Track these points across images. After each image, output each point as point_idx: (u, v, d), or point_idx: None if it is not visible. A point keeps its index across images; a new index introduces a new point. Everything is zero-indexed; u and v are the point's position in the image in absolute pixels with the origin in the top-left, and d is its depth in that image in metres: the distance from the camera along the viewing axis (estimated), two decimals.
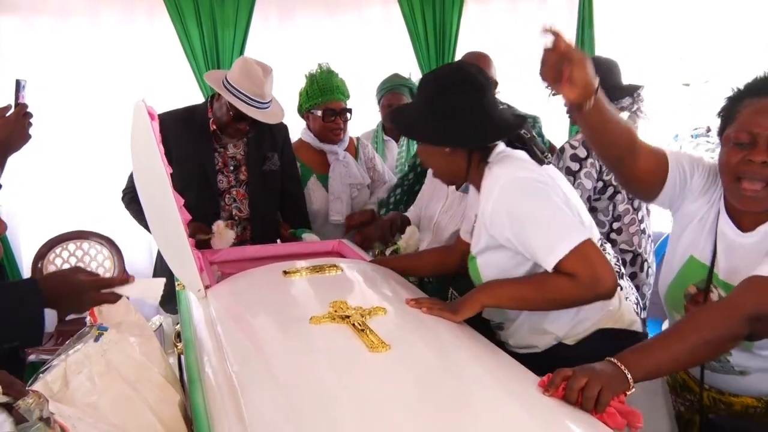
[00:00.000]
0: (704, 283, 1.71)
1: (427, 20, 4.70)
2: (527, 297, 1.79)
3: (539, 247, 1.74)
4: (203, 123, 2.88)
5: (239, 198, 2.96)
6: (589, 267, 1.69)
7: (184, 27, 4.30)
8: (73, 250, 4.23)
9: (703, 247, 1.74)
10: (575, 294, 1.71)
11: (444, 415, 1.26)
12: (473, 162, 1.92)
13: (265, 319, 1.84)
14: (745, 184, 1.57)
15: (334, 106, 3.14)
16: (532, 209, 1.76)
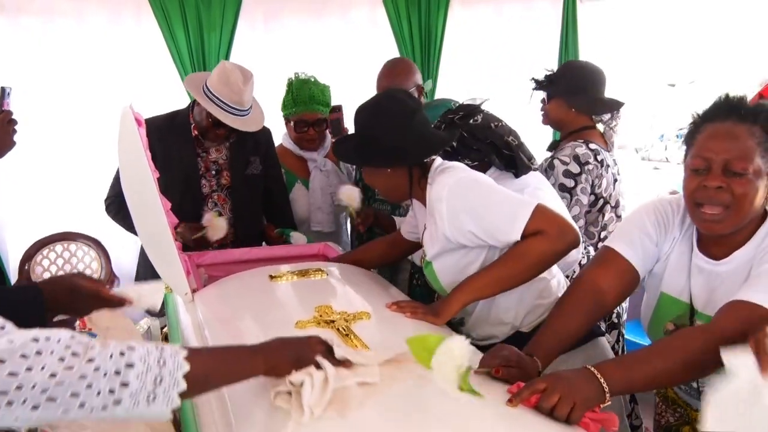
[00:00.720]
0: (681, 319, 1.73)
1: (413, 23, 4.72)
2: (504, 275, 1.87)
3: (502, 225, 1.85)
4: (185, 128, 2.87)
5: (220, 202, 2.95)
6: (552, 220, 1.83)
7: (170, 29, 4.29)
8: (60, 252, 4.22)
9: (675, 283, 1.76)
10: (549, 248, 1.82)
11: (425, 419, 1.28)
12: (414, 178, 2.04)
13: (252, 323, 1.86)
14: (706, 208, 1.58)
15: (307, 117, 3.12)
16: (483, 197, 1.89)
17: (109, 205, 2.95)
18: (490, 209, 1.87)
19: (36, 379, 1.00)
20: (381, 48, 4.63)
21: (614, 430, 1.34)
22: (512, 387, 1.40)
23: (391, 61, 3.19)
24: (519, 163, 2.26)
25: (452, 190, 1.89)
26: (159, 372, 1.10)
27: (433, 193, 1.95)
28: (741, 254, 1.63)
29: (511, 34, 4.82)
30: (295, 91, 3.11)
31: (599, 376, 1.38)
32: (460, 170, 1.97)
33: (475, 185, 1.92)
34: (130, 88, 4.13)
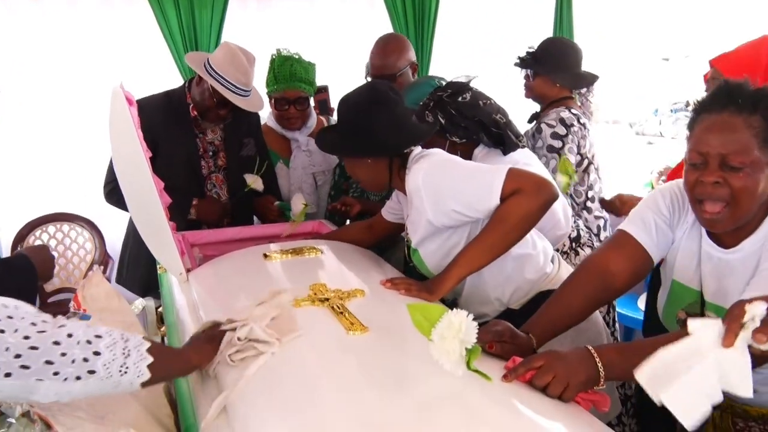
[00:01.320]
0: (693, 307, 1.71)
1: (407, 1, 4.69)
2: (494, 240, 1.88)
3: (480, 193, 1.87)
4: (182, 108, 2.85)
5: (218, 184, 2.95)
6: (526, 178, 1.86)
7: (161, 7, 4.25)
8: (53, 233, 4.21)
9: (686, 270, 1.73)
10: (530, 204, 1.83)
11: (421, 395, 1.30)
12: (394, 169, 2.08)
13: (247, 302, 1.85)
14: (707, 206, 1.54)
15: (289, 95, 3.07)
16: (456, 174, 1.94)
17: (109, 192, 2.88)
18: (466, 183, 1.90)
19: (9, 341, 1.01)
20: (374, 24, 4.60)
21: (605, 411, 1.36)
22: (508, 363, 1.41)
23: (383, 38, 3.12)
24: (507, 140, 2.27)
25: (427, 175, 1.94)
26: (125, 345, 1.16)
27: (410, 182, 1.99)
28: (750, 243, 1.59)
29: (505, 9, 4.80)
30: (276, 68, 3.05)
31: (598, 360, 1.38)
32: (433, 155, 2.02)
33: (446, 165, 1.97)
34: (121, 67, 4.10)
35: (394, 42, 3.08)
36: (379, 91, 2.06)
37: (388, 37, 3.12)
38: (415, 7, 4.71)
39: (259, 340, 1.44)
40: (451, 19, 4.78)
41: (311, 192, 3.22)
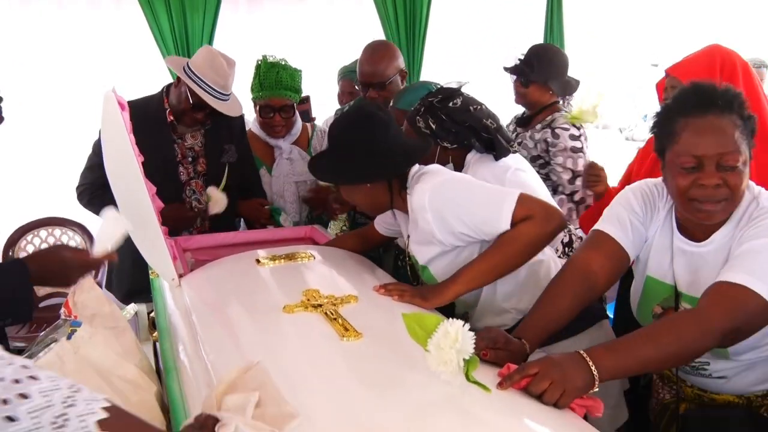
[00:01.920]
0: (668, 301, 1.75)
1: (398, 3, 4.70)
2: (497, 262, 1.87)
3: (489, 218, 1.85)
4: (160, 113, 2.81)
5: (198, 190, 2.91)
6: (537, 205, 1.85)
7: (152, 11, 4.25)
8: (45, 237, 4.20)
9: (659, 266, 1.77)
10: (538, 231, 1.83)
11: (415, 402, 1.30)
12: (394, 190, 2.03)
13: (239, 308, 1.86)
14: (706, 205, 1.57)
15: (274, 103, 3.04)
16: (465, 196, 1.90)
17: (81, 193, 2.89)
18: (475, 206, 1.88)
19: None
20: (366, 29, 4.62)
21: (598, 416, 1.36)
22: (503, 369, 1.41)
23: (371, 46, 3.06)
24: (498, 145, 2.27)
25: (432, 196, 1.90)
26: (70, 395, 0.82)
27: (414, 202, 1.95)
28: (720, 235, 1.64)
29: (496, 13, 4.82)
30: (262, 75, 3.02)
31: (590, 363, 1.38)
32: (437, 174, 1.97)
33: (453, 186, 1.93)
34: (113, 71, 4.10)
35: (383, 49, 3.04)
36: (369, 114, 2.01)
37: (377, 45, 3.08)
38: (406, 12, 4.72)
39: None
40: (442, 23, 4.80)
41: (293, 200, 3.19)
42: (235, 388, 1.14)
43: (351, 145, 1.98)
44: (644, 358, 1.44)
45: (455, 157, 2.36)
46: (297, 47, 3.19)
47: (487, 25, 4.76)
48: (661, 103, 2.40)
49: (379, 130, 1.97)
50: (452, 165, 2.39)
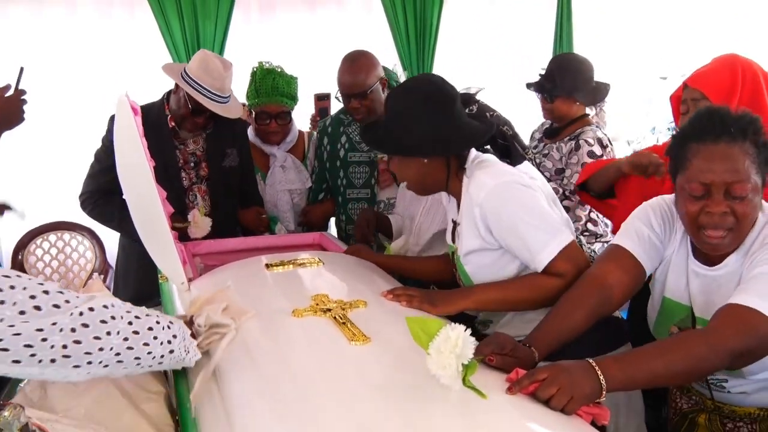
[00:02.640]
0: (684, 322, 1.75)
1: (408, 14, 4.72)
2: (510, 299, 1.87)
3: (530, 249, 1.81)
4: (161, 120, 2.84)
5: (201, 195, 2.93)
6: (575, 267, 1.80)
7: (165, 19, 4.29)
8: (54, 241, 4.22)
9: (676, 287, 1.77)
10: (562, 290, 1.78)
11: (421, 407, 1.30)
12: (452, 170, 1.95)
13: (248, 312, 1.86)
14: (710, 232, 1.58)
15: (270, 109, 3.07)
16: (521, 213, 1.82)
17: (84, 202, 2.91)
18: (524, 229, 1.81)
19: (113, 343, 1.28)
20: (376, 38, 4.65)
21: (605, 424, 1.36)
22: (511, 374, 1.41)
23: (350, 56, 3.01)
24: (514, 152, 2.26)
25: (491, 194, 1.83)
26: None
27: (471, 189, 1.87)
28: (733, 259, 1.64)
29: (506, 24, 4.85)
30: (258, 82, 3.05)
31: (599, 372, 1.38)
32: (500, 173, 1.87)
33: (516, 196, 1.83)
34: (124, 78, 4.13)
35: (362, 59, 2.99)
36: (436, 84, 1.92)
37: (356, 55, 3.02)
38: (416, 20, 4.75)
39: (219, 324, 1.60)
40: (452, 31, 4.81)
41: (287, 209, 3.22)
42: (211, 302, 1.68)
43: (412, 115, 1.87)
44: (652, 372, 1.44)
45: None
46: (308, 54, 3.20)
47: (497, 33, 4.78)
48: (676, 114, 2.37)
49: (445, 104, 1.88)
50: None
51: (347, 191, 3.07)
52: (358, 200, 3.07)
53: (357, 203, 3.07)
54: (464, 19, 4.90)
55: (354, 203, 3.07)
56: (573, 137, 2.97)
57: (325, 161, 3.14)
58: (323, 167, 3.16)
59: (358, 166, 3.08)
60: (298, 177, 3.22)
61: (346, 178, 3.07)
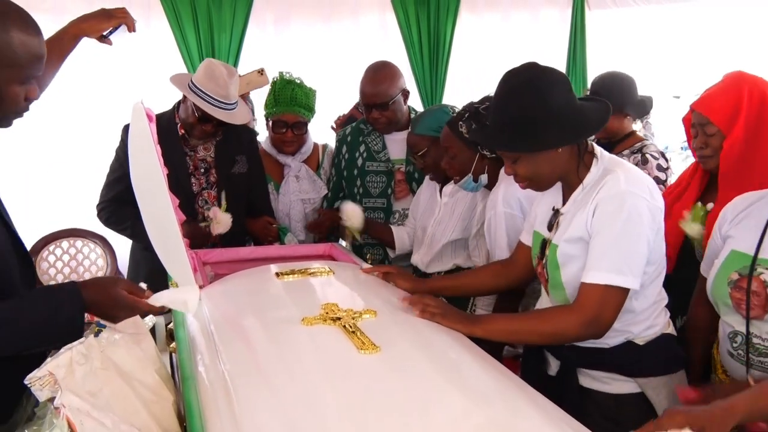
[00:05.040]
0: (746, 269, 1.75)
1: (422, 28, 4.75)
2: (520, 330, 1.89)
3: (594, 258, 1.78)
4: (171, 127, 2.89)
5: (210, 200, 2.96)
6: (599, 309, 1.76)
7: (180, 29, 4.33)
8: (66, 248, 4.25)
9: (747, 238, 1.79)
10: (573, 330, 1.80)
11: (430, 416, 1.29)
12: (581, 157, 1.88)
13: (258, 319, 1.87)
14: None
15: (287, 119, 3.09)
16: (620, 225, 1.76)
17: (101, 211, 2.96)
18: (610, 240, 1.77)
19: None
20: (390, 52, 4.66)
21: None
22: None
23: (373, 66, 3.06)
24: None
25: (614, 197, 1.77)
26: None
27: (608, 181, 1.80)
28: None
29: (519, 41, 4.86)
30: (277, 91, 3.08)
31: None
32: (638, 183, 1.80)
33: (632, 211, 1.76)
34: (140, 87, 4.15)
35: (385, 69, 3.03)
36: (553, 71, 1.85)
37: (379, 65, 3.06)
38: (430, 34, 4.77)
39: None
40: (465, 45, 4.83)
41: (300, 219, 3.23)
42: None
43: (541, 105, 1.79)
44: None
45: (491, 169, 2.38)
46: (322, 66, 3.22)
47: (509, 48, 4.79)
48: (688, 136, 2.37)
49: (567, 91, 1.83)
50: (487, 176, 2.41)
51: (363, 200, 3.08)
52: (374, 209, 3.08)
53: (373, 212, 3.08)
54: (477, 34, 4.92)
55: (370, 212, 3.07)
56: (635, 151, 3.00)
57: (342, 170, 3.16)
58: (340, 176, 3.17)
59: (375, 176, 3.09)
60: (312, 187, 3.23)
61: (363, 187, 3.08)
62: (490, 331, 1.86)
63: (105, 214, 2.94)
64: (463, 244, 2.64)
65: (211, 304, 2.04)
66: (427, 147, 2.62)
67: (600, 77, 3.15)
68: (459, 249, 2.65)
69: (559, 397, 1.51)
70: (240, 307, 2.01)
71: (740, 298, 1.75)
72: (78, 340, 1.49)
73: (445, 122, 2.48)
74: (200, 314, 1.99)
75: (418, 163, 2.73)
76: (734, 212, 1.88)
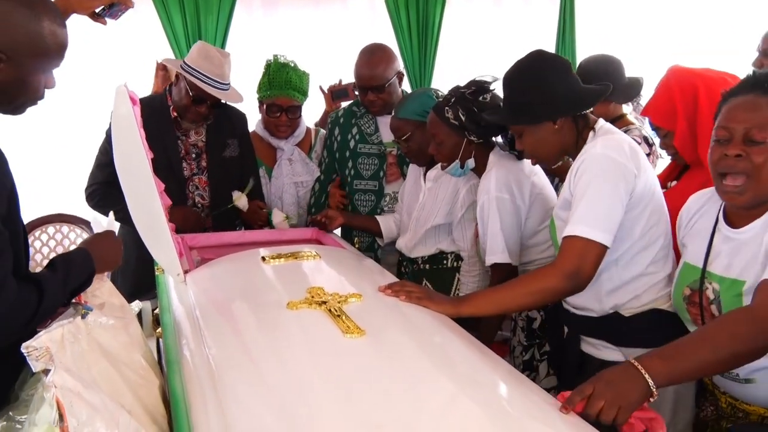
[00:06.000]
0: (697, 283, 1.75)
1: (411, 12, 4.71)
2: (507, 297, 1.90)
3: (574, 214, 1.85)
4: (163, 111, 2.86)
5: (201, 185, 2.94)
6: (578, 261, 1.82)
7: (167, 13, 4.28)
8: (53, 233, 4.21)
9: (697, 250, 1.78)
10: (554, 282, 1.83)
11: (415, 399, 1.29)
12: (579, 131, 2.02)
13: (243, 304, 1.87)
14: (728, 180, 1.61)
15: (281, 102, 3.07)
16: (598, 184, 1.85)
17: (90, 194, 2.92)
18: (588, 197, 1.84)
19: None
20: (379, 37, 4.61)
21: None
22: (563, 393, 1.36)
23: (368, 49, 3.03)
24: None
25: (593, 158, 1.88)
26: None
27: (587, 147, 1.95)
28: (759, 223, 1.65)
29: (508, 24, 4.84)
30: (272, 74, 3.06)
31: (644, 372, 1.35)
32: (616, 148, 1.89)
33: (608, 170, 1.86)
34: (125, 70, 4.12)
35: (380, 52, 3.02)
36: (552, 57, 2.08)
37: (374, 48, 3.05)
38: (419, 18, 4.74)
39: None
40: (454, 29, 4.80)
41: (292, 202, 3.22)
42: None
43: (541, 84, 1.99)
44: (703, 363, 1.41)
45: (478, 154, 2.39)
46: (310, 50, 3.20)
47: (499, 32, 4.77)
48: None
49: (567, 68, 2.03)
50: (473, 161, 2.41)
51: (354, 182, 3.07)
52: (365, 191, 3.06)
53: (364, 194, 3.07)
54: (466, 18, 4.89)
55: (361, 194, 3.06)
56: None
57: (334, 151, 3.15)
58: (333, 157, 3.16)
59: (367, 158, 3.07)
60: (305, 169, 3.22)
61: (354, 168, 3.07)
62: (477, 306, 1.88)
63: (95, 197, 2.91)
64: (447, 229, 2.63)
65: (197, 289, 2.04)
66: (411, 131, 2.59)
67: (585, 61, 3.12)
68: (442, 233, 2.64)
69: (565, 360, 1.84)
70: (225, 291, 2.01)
71: (696, 313, 1.75)
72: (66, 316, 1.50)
73: (430, 107, 2.47)
74: (186, 299, 1.99)
75: (402, 147, 2.71)
76: (688, 215, 1.88)
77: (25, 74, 1.54)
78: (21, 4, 1.46)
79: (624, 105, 3.12)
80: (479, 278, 2.56)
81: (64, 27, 1.61)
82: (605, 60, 3.10)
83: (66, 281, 1.49)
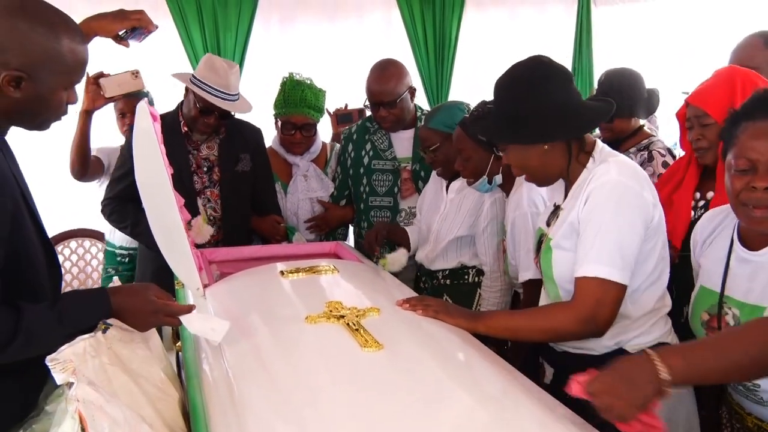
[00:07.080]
0: (715, 308, 1.70)
1: (427, 26, 4.74)
2: (520, 327, 1.84)
3: (586, 251, 1.72)
4: (174, 125, 2.90)
5: (213, 198, 2.96)
6: (596, 306, 1.69)
7: (186, 29, 4.33)
8: (75, 248, 4.26)
9: (713, 274, 1.73)
10: (568, 326, 1.73)
11: (433, 413, 1.29)
12: (573, 153, 1.83)
13: (262, 318, 1.87)
14: (756, 212, 1.55)
15: (295, 120, 3.09)
16: (611, 217, 1.71)
17: (104, 208, 2.98)
18: (601, 233, 1.70)
19: None
20: (395, 50, 4.64)
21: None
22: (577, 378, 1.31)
23: (380, 64, 3.05)
24: None
25: (604, 187, 1.72)
26: None
27: (597, 172, 1.76)
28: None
29: (525, 38, 4.84)
30: (287, 92, 3.09)
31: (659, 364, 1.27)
32: (630, 174, 1.76)
33: (622, 202, 1.71)
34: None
35: (392, 68, 3.03)
36: (553, 65, 1.82)
37: (385, 63, 3.06)
38: (435, 33, 4.76)
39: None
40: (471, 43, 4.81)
41: (308, 218, 3.23)
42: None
43: (534, 99, 1.77)
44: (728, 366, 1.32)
45: (506, 170, 2.36)
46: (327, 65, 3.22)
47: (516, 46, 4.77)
48: (682, 131, 2.37)
49: (562, 83, 1.80)
50: (501, 176, 2.39)
51: (369, 199, 3.08)
52: (380, 208, 3.07)
53: (379, 211, 3.07)
54: (483, 32, 4.91)
55: (376, 211, 3.07)
56: (642, 148, 2.95)
57: (348, 168, 3.16)
58: (346, 173, 3.17)
59: (381, 174, 3.08)
60: (320, 185, 3.24)
61: (369, 185, 3.08)
62: (491, 328, 1.84)
63: (107, 211, 2.96)
64: (469, 242, 2.62)
65: (216, 303, 2.05)
66: (439, 142, 2.58)
67: (606, 76, 3.09)
68: (464, 247, 2.63)
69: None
70: (244, 305, 2.02)
71: None
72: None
73: (459, 120, 2.45)
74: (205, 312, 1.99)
75: (427, 157, 2.68)
76: (703, 235, 1.83)
77: (46, 92, 1.55)
78: (40, 23, 1.48)
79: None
80: (501, 294, 2.55)
81: (84, 44, 1.62)
82: (626, 75, 3.07)
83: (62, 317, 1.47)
